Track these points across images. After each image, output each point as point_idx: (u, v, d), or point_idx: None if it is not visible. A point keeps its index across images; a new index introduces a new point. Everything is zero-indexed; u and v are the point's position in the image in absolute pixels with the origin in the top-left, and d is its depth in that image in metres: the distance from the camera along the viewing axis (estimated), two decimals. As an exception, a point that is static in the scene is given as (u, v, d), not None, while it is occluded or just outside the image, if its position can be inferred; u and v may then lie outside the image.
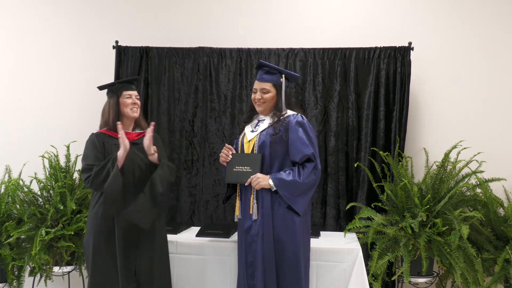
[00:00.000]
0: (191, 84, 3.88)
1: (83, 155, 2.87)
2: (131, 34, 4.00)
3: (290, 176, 2.71)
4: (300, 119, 2.80)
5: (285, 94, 2.86)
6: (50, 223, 3.34)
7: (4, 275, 3.45)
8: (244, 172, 2.79)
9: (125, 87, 2.94)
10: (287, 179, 2.70)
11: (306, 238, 2.84)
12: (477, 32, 3.80)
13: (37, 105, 4.11)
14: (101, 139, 2.85)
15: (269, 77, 2.87)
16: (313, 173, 2.73)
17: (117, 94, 2.91)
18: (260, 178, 2.73)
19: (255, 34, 3.96)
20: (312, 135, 2.80)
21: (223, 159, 2.89)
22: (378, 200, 3.49)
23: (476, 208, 3.41)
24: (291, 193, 2.71)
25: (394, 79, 3.69)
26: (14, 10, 4.14)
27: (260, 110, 2.90)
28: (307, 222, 2.84)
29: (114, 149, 2.82)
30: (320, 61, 3.77)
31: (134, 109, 2.92)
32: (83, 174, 2.77)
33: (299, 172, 2.72)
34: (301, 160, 2.74)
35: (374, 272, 3.17)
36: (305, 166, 2.74)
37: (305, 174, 2.71)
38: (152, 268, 2.84)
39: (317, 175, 2.76)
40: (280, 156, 2.80)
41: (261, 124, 2.89)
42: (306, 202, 2.76)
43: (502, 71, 3.78)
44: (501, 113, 3.78)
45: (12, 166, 3.73)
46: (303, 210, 2.75)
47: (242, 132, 2.99)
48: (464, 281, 3.20)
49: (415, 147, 3.82)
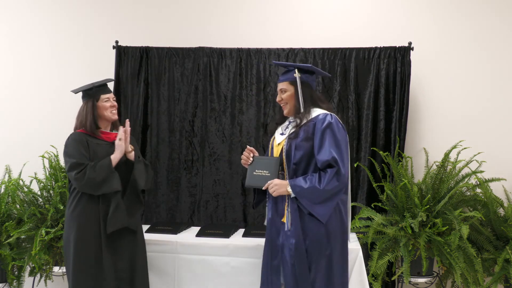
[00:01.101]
0: (191, 84, 3.88)
1: (66, 153, 2.83)
2: (131, 34, 4.00)
3: (308, 183, 2.52)
4: (328, 120, 2.59)
5: (303, 90, 2.68)
6: (50, 223, 3.34)
7: (4, 275, 3.45)
8: (263, 176, 2.67)
9: (102, 90, 2.93)
10: (305, 186, 2.53)
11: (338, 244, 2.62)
12: (477, 32, 3.80)
13: (37, 105, 4.11)
14: (84, 138, 2.86)
15: (284, 76, 2.73)
16: (335, 179, 2.51)
17: (94, 97, 2.91)
18: (278, 185, 2.59)
19: (255, 34, 3.96)
20: (340, 137, 2.57)
21: (244, 162, 2.77)
22: (378, 200, 3.49)
23: (476, 208, 3.41)
24: (311, 200, 2.53)
25: (394, 79, 3.69)
26: (14, 11, 4.14)
27: (286, 112, 2.76)
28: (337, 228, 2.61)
29: (97, 148, 2.84)
30: (320, 61, 3.77)
31: (114, 112, 2.94)
32: (72, 171, 2.74)
33: (320, 178, 2.52)
34: (322, 166, 2.54)
35: (374, 272, 3.17)
36: (326, 172, 2.53)
37: (325, 181, 2.50)
38: (133, 268, 2.85)
39: (341, 181, 2.52)
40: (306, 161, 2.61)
41: (290, 126, 2.74)
42: (329, 209, 2.55)
43: (502, 71, 3.78)
44: (501, 113, 3.78)
45: (12, 166, 3.73)
46: (326, 217, 2.55)
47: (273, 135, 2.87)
48: (464, 281, 3.20)
49: (415, 147, 3.82)
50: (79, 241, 2.77)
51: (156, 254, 3.21)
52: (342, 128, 2.62)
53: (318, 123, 2.58)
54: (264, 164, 2.69)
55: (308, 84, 2.71)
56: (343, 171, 2.52)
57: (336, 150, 2.53)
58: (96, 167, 2.74)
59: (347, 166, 2.57)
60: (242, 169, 3.82)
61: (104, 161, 2.77)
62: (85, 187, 2.75)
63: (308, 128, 2.60)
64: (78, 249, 2.77)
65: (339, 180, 2.52)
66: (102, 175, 2.72)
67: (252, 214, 3.82)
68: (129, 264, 2.85)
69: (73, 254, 2.77)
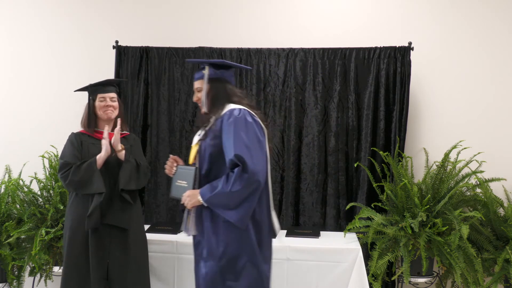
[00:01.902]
0: (191, 84, 3.87)
1: (61, 153, 2.94)
2: (131, 34, 4.00)
3: (216, 188, 2.26)
4: (234, 114, 2.33)
5: (216, 86, 2.46)
6: (50, 223, 3.35)
7: (4, 275, 3.45)
8: (182, 187, 2.45)
9: (99, 90, 2.96)
10: (213, 192, 2.27)
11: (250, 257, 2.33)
12: (478, 32, 3.80)
13: (37, 105, 4.11)
14: (79, 138, 2.92)
15: (198, 74, 2.52)
16: (239, 179, 2.21)
17: (92, 97, 2.96)
18: (190, 196, 2.35)
19: (255, 34, 3.96)
20: (246, 132, 2.30)
21: (168, 172, 2.57)
22: (378, 200, 3.49)
23: (476, 208, 3.41)
24: (223, 206, 2.28)
25: (394, 79, 3.69)
26: (14, 11, 4.14)
27: (203, 111, 2.51)
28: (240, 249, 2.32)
29: (91, 148, 2.88)
30: (320, 61, 3.77)
31: (108, 111, 2.94)
32: (59, 171, 2.82)
33: (227, 180, 2.25)
34: (229, 166, 2.27)
35: (374, 272, 3.17)
36: (232, 172, 2.25)
37: (231, 182, 2.23)
38: (125, 268, 2.84)
39: (248, 180, 2.22)
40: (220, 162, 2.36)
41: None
42: (245, 212, 2.27)
43: (502, 70, 3.78)
44: (502, 113, 3.78)
45: (12, 166, 3.73)
46: (243, 222, 2.28)
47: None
48: (464, 281, 3.20)
49: (415, 147, 3.82)
50: (71, 238, 2.83)
51: (156, 254, 3.21)
52: (252, 122, 2.35)
53: (224, 119, 2.35)
54: (183, 174, 2.48)
55: (223, 79, 2.49)
56: (251, 168, 2.21)
57: (240, 146, 2.25)
58: (80, 168, 2.79)
59: (260, 163, 2.27)
60: (242, 169, 3.82)
61: (90, 161, 2.81)
62: (68, 187, 2.83)
63: (216, 126, 2.37)
64: (69, 246, 2.82)
65: (244, 180, 2.22)
66: (84, 176, 2.77)
67: (252, 214, 3.82)
68: (119, 263, 2.84)
69: (66, 250, 2.84)
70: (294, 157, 3.77)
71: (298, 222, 3.79)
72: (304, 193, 3.77)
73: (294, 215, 3.78)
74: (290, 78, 3.78)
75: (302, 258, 3.17)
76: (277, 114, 3.80)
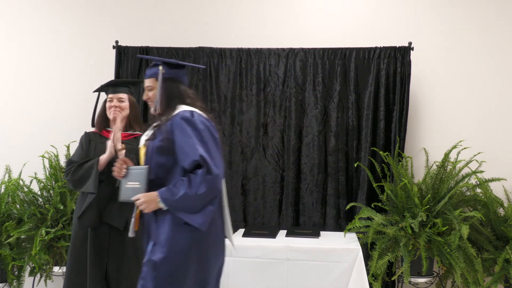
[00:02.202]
0: (191, 84, 3.87)
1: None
2: (131, 34, 4.00)
3: (180, 191, 2.15)
4: (187, 115, 2.24)
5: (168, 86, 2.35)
6: (50, 223, 3.35)
7: (4, 275, 3.45)
8: (134, 188, 2.34)
9: (109, 90, 2.97)
10: (176, 196, 2.15)
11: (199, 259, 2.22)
12: (478, 32, 3.80)
13: (37, 105, 4.10)
14: (88, 138, 2.94)
15: (150, 72, 2.40)
16: (205, 181, 2.14)
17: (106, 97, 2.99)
18: (147, 202, 2.22)
19: (255, 34, 3.96)
20: (206, 133, 2.22)
21: (117, 174, 2.41)
22: (378, 200, 3.49)
23: (476, 208, 3.41)
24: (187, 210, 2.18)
25: (394, 79, 3.69)
26: (15, 11, 4.14)
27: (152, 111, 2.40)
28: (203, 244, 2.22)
29: (98, 146, 2.89)
30: (320, 61, 3.77)
31: (115, 112, 2.93)
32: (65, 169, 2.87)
33: (190, 182, 2.15)
34: (190, 166, 2.17)
35: (374, 272, 3.17)
36: (196, 174, 2.15)
37: (196, 184, 2.14)
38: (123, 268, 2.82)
39: (212, 183, 2.15)
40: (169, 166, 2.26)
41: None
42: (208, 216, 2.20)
43: (502, 71, 3.78)
44: (502, 113, 3.78)
45: (12, 166, 3.73)
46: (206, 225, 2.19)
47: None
48: (464, 281, 3.20)
49: (415, 147, 3.82)
50: (73, 236, 2.85)
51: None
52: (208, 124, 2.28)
53: (175, 120, 2.24)
54: (135, 175, 2.36)
55: (176, 79, 2.39)
56: (215, 171, 2.15)
57: (202, 148, 2.17)
58: (82, 167, 2.80)
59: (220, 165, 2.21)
60: (242, 169, 3.82)
61: (93, 161, 2.82)
62: (69, 184, 2.87)
63: (166, 127, 2.26)
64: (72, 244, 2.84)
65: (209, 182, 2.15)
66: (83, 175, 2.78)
67: (252, 214, 3.82)
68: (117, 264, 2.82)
69: (69, 248, 2.85)
70: (294, 157, 3.77)
71: (298, 222, 3.79)
72: (304, 193, 3.77)
73: (294, 215, 3.78)
74: (290, 78, 3.78)
75: (302, 258, 3.16)
76: (277, 114, 3.80)
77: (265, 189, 3.80)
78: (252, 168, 3.82)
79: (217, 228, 2.29)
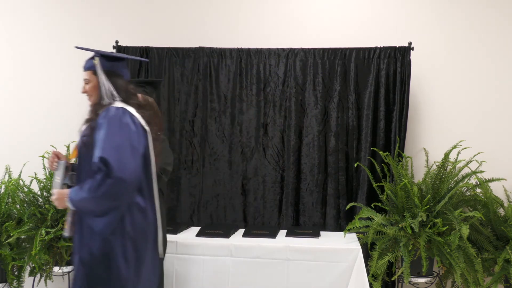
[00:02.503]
0: (191, 84, 3.88)
1: None
2: (131, 34, 4.00)
3: (83, 192, 2.09)
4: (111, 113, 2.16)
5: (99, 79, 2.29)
6: (50, 223, 3.34)
7: (4, 275, 3.45)
8: (56, 183, 2.31)
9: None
10: (79, 196, 2.10)
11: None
12: (478, 31, 3.79)
13: (37, 105, 4.10)
14: None
15: (87, 64, 2.35)
16: (104, 184, 2.04)
17: None
18: (58, 199, 2.19)
19: (255, 34, 3.96)
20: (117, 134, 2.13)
21: (49, 167, 2.40)
22: (378, 200, 3.49)
23: (476, 208, 3.41)
24: (91, 212, 2.12)
25: (394, 79, 3.69)
26: (14, 11, 4.14)
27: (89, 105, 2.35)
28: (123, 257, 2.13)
29: None
30: (320, 61, 3.77)
31: None
32: None
33: (90, 184, 2.07)
34: (94, 167, 2.09)
35: (374, 272, 3.17)
36: (95, 176, 2.07)
37: (93, 188, 2.06)
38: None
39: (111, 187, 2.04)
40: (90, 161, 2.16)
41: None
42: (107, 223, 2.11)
43: (502, 71, 3.78)
44: (501, 113, 3.78)
45: (12, 166, 3.73)
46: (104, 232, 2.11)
47: None
48: (464, 281, 3.20)
49: (415, 147, 3.82)
50: None
51: (156, 254, 3.21)
52: (129, 123, 2.18)
53: (100, 116, 2.18)
54: (59, 169, 2.33)
55: (113, 72, 2.32)
56: (116, 173, 2.03)
57: (108, 148, 2.08)
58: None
59: (129, 168, 2.08)
60: (242, 169, 3.82)
61: None
62: None
63: (93, 122, 2.21)
64: None
65: (108, 185, 2.04)
66: None
67: (252, 214, 3.82)
68: None
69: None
70: (294, 157, 3.77)
71: (298, 222, 3.79)
72: (304, 193, 3.77)
73: (294, 215, 3.78)
74: (290, 78, 3.78)
75: (302, 258, 3.17)
76: (277, 114, 3.80)
77: (265, 189, 3.81)
78: (252, 168, 3.82)
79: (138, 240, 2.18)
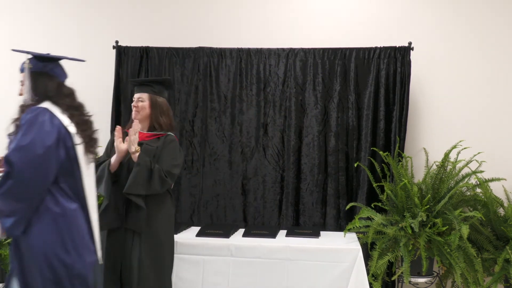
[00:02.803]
0: (191, 84, 3.88)
1: None
2: (131, 34, 4.00)
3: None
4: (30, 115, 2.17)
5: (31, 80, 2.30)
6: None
7: (4, 275, 3.45)
8: None
9: (134, 90, 3.01)
10: None
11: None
12: (477, 32, 3.80)
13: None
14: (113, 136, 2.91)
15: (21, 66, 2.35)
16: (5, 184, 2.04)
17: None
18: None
19: (255, 34, 3.96)
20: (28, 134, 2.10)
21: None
22: (378, 200, 3.49)
23: (476, 208, 3.41)
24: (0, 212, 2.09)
25: (394, 79, 3.69)
26: (14, 11, 4.14)
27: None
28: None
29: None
30: (320, 61, 3.77)
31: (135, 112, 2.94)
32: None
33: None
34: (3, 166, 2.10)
35: (374, 272, 3.17)
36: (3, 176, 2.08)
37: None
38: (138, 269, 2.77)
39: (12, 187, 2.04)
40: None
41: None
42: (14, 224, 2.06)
43: (502, 70, 3.78)
44: (501, 113, 3.78)
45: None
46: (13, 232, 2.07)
47: None
48: (464, 281, 3.20)
49: (415, 147, 3.82)
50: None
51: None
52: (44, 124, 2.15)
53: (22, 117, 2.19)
54: None
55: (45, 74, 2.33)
56: (17, 175, 2.02)
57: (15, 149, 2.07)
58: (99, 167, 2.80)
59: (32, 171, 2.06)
60: (242, 169, 3.82)
61: (106, 162, 2.82)
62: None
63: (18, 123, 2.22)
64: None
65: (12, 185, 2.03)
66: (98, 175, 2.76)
67: (252, 214, 3.82)
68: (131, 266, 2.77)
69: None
70: (294, 157, 3.77)
71: (298, 222, 3.79)
72: (304, 193, 3.77)
73: (294, 215, 3.78)
74: (290, 78, 3.78)
75: (302, 258, 3.17)
76: (277, 114, 3.80)
77: (265, 189, 3.81)
78: (252, 168, 3.82)
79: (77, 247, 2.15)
